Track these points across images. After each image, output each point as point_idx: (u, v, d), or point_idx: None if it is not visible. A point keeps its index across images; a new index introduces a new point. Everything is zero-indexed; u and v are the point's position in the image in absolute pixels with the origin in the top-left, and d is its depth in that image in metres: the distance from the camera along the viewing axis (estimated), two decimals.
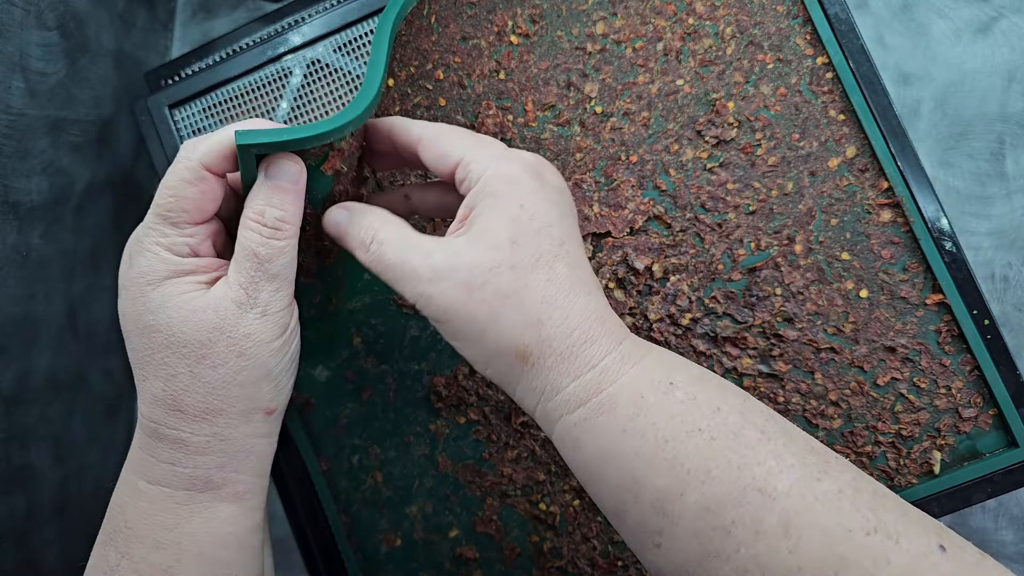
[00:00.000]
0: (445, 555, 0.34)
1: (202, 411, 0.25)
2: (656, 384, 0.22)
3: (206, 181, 0.24)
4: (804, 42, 0.33)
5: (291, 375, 0.27)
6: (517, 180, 0.24)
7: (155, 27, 0.50)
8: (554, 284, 0.23)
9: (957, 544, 0.21)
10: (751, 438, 0.21)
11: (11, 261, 0.37)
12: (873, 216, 0.32)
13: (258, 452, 0.26)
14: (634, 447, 0.22)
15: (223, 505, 0.25)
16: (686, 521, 0.21)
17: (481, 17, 0.34)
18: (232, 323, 0.24)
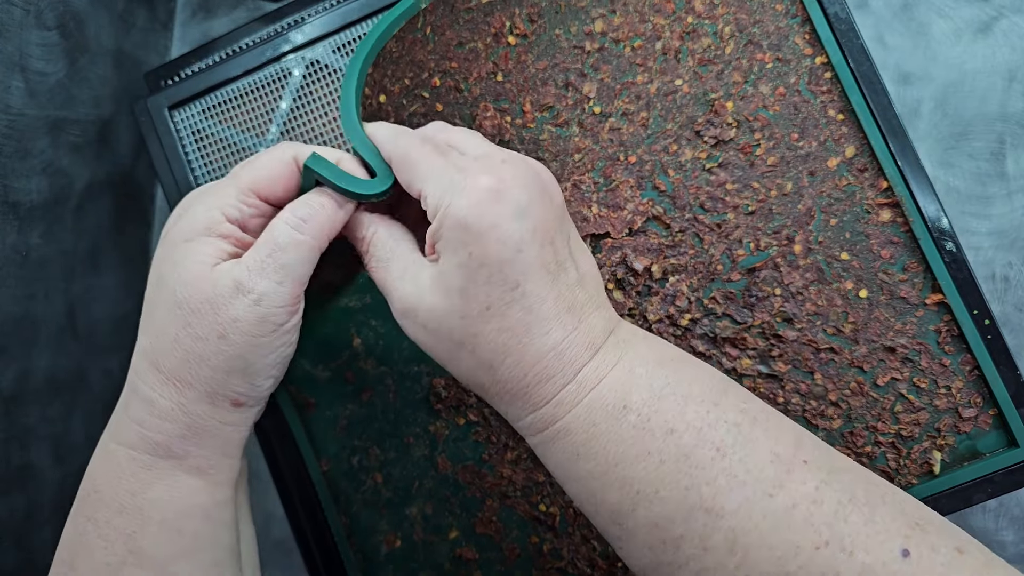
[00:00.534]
0: (445, 556, 0.34)
1: (174, 377, 0.25)
2: (609, 409, 0.23)
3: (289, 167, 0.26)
4: (803, 41, 0.33)
5: (269, 377, 0.26)
6: (464, 224, 0.22)
7: (155, 27, 0.50)
8: (505, 332, 0.23)
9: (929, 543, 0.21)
10: (703, 458, 0.22)
11: (11, 261, 0.37)
12: (873, 216, 0.32)
13: (223, 436, 0.26)
14: (588, 468, 0.23)
15: (186, 476, 0.25)
16: (639, 534, 0.22)
17: (478, 20, 0.34)
18: (224, 302, 0.24)
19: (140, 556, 0.24)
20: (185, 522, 0.25)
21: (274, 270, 0.24)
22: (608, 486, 0.22)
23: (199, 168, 0.37)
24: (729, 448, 0.22)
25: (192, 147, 0.37)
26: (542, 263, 0.23)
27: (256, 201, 0.26)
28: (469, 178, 0.23)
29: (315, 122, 0.37)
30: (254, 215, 0.26)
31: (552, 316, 0.23)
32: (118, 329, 0.48)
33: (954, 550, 0.21)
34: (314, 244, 0.25)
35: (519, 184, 0.23)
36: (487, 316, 0.23)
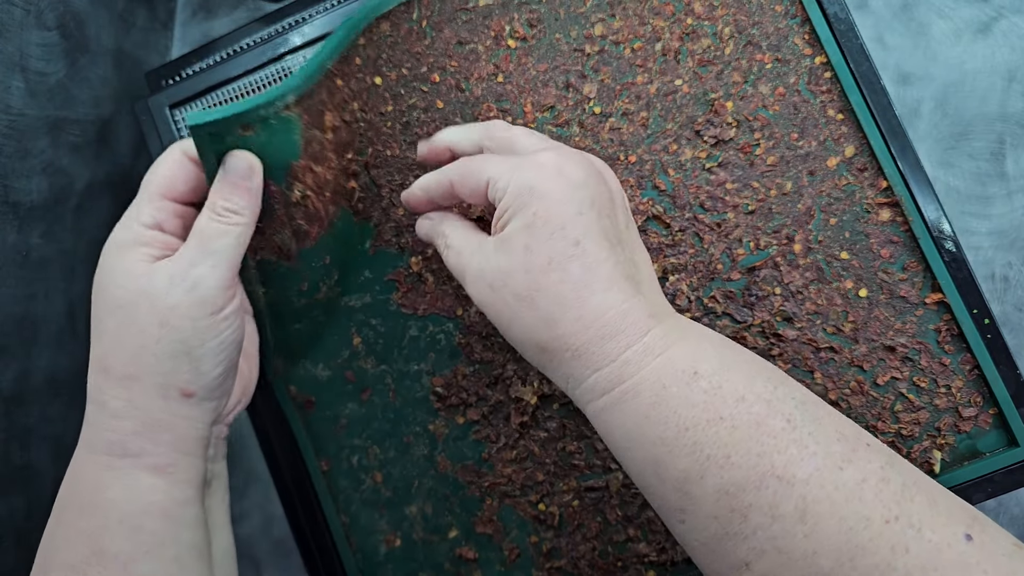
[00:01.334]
0: (445, 555, 0.34)
1: (123, 375, 0.25)
2: (679, 374, 0.23)
3: (182, 164, 0.27)
4: (803, 42, 0.33)
5: (217, 363, 0.26)
6: (531, 188, 0.25)
7: (155, 27, 0.51)
8: (567, 284, 0.24)
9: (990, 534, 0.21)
10: (774, 427, 0.22)
11: (11, 261, 0.37)
12: (872, 215, 0.32)
13: (178, 431, 0.26)
14: (657, 433, 0.23)
15: (143, 474, 0.25)
16: (706, 502, 0.22)
17: (477, 22, 0.34)
18: (161, 291, 0.25)
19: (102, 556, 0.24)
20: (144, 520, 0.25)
21: (205, 256, 0.25)
22: (677, 452, 0.22)
23: None
24: (799, 421, 0.22)
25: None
26: (600, 229, 0.25)
27: (165, 203, 0.27)
28: (532, 158, 0.26)
29: None
30: (168, 216, 0.27)
31: (611, 278, 0.24)
32: None
33: (1013, 543, 0.21)
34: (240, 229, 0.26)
35: (575, 163, 0.25)
36: (549, 269, 0.24)
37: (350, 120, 0.32)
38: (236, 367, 0.28)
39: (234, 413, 0.31)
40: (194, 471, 0.27)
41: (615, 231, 0.25)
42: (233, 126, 0.25)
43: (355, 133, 0.33)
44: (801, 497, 0.21)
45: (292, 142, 0.28)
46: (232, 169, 0.26)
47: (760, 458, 0.22)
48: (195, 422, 0.27)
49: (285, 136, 0.27)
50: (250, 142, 0.26)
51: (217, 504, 0.30)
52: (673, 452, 0.23)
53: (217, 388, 0.27)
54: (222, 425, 0.30)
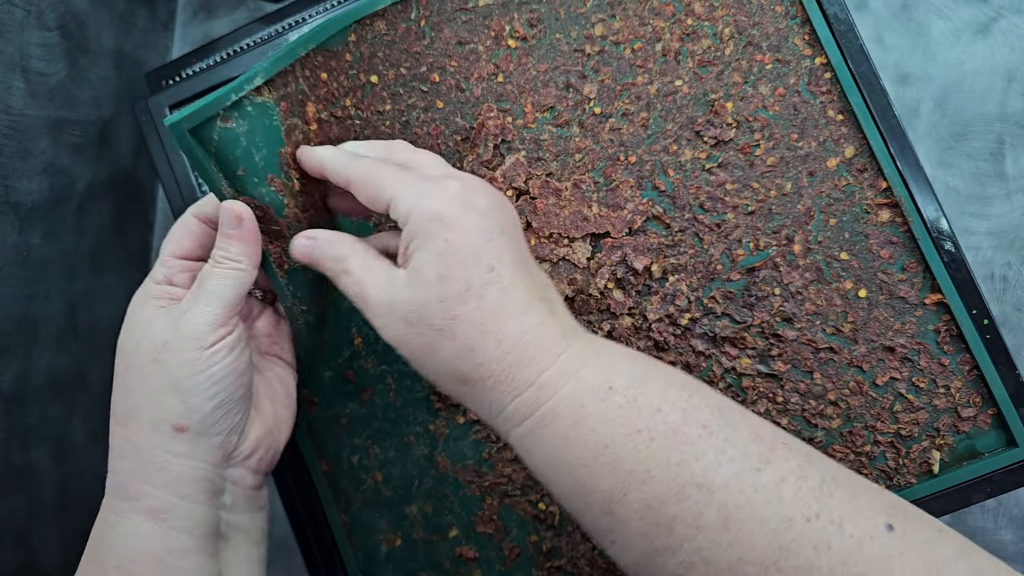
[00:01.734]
0: (445, 555, 0.34)
1: (122, 415, 0.27)
2: (595, 391, 0.23)
3: (190, 225, 0.29)
4: (803, 42, 0.33)
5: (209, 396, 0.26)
6: (439, 216, 0.24)
7: (156, 27, 0.51)
8: (484, 311, 0.24)
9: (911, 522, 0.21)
10: (691, 434, 0.22)
11: (12, 261, 0.37)
12: (872, 216, 0.32)
13: (173, 470, 0.26)
14: (577, 454, 0.23)
15: (140, 520, 0.26)
16: (632, 520, 0.22)
17: (476, 23, 0.34)
18: (157, 331, 0.26)
19: None
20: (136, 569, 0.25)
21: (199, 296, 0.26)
22: (599, 471, 0.22)
23: None
24: (715, 426, 0.22)
25: None
26: (512, 254, 0.25)
27: (175, 261, 0.29)
28: (437, 184, 0.25)
29: None
30: (177, 272, 0.29)
31: (527, 301, 0.24)
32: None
33: (935, 530, 0.21)
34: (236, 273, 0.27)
35: (481, 193, 0.25)
36: (466, 297, 0.24)
37: (341, 116, 0.33)
38: (242, 406, 0.27)
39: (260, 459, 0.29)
40: (193, 518, 0.26)
41: (524, 255, 0.26)
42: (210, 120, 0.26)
43: (349, 130, 0.33)
44: (722, 504, 0.21)
45: (274, 128, 0.28)
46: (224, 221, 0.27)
47: (679, 467, 0.22)
48: (192, 460, 0.26)
49: (265, 122, 0.27)
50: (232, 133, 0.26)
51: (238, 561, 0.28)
52: (595, 472, 0.22)
53: (214, 424, 0.26)
54: (242, 470, 0.28)
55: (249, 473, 0.29)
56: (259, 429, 0.29)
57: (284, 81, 0.28)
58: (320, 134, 0.31)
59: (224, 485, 0.28)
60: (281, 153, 0.28)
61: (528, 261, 0.26)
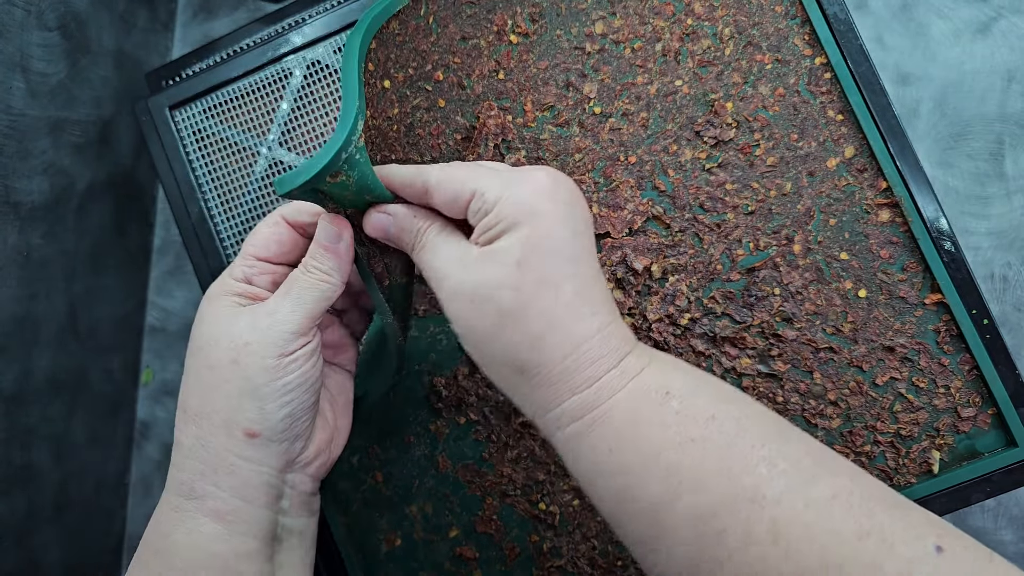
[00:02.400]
0: (445, 555, 0.34)
1: (195, 413, 0.26)
2: (652, 395, 0.23)
3: (278, 226, 0.28)
4: (803, 42, 0.33)
5: (282, 404, 0.26)
6: (529, 204, 0.24)
7: (156, 28, 0.51)
8: (559, 305, 0.23)
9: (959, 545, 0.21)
10: (744, 446, 0.22)
11: (12, 261, 0.37)
12: (872, 216, 0.32)
13: (241, 474, 0.26)
14: (628, 459, 0.22)
15: (206, 520, 0.26)
16: (679, 529, 0.22)
17: (481, 16, 0.34)
18: (238, 331, 0.26)
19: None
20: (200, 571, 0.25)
21: (285, 302, 0.26)
22: (649, 477, 0.22)
23: (200, 168, 0.37)
24: (768, 438, 0.22)
25: (193, 147, 0.37)
26: (591, 252, 0.25)
27: (256, 262, 0.28)
28: (525, 174, 0.25)
29: (315, 122, 0.37)
30: (258, 273, 0.28)
31: (599, 300, 0.24)
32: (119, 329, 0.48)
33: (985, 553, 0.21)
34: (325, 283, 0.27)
35: (567, 187, 0.25)
36: (542, 287, 0.23)
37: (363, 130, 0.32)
38: (310, 414, 0.27)
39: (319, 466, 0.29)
40: (257, 522, 0.26)
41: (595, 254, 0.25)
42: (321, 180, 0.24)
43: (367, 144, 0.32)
44: (773, 518, 0.21)
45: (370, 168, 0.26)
46: (322, 234, 0.27)
47: (731, 479, 0.21)
48: (259, 466, 0.26)
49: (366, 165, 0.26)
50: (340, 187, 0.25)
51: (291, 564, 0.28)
52: (644, 479, 0.22)
53: (283, 431, 0.26)
54: (302, 475, 0.28)
55: (308, 479, 0.29)
56: (321, 436, 0.29)
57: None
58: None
59: (284, 490, 0.28)
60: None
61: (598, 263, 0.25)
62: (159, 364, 0.52)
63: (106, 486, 0.47)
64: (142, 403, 0.51)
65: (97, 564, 0.46)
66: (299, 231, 0.29)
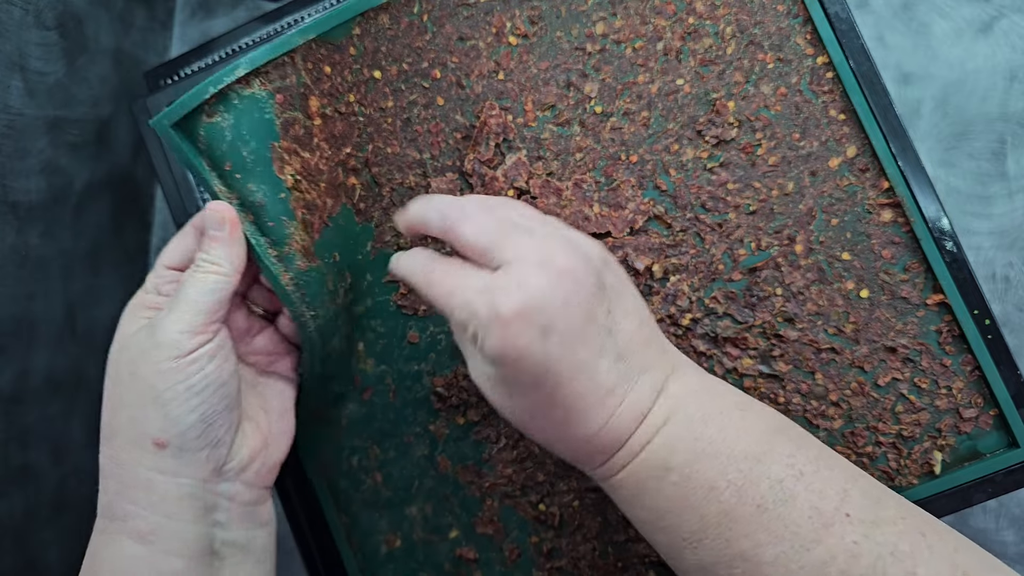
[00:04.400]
0: (445, 556, 0.34)
1: (108, 431, 0.26)
2: (653, 471, 0.24)
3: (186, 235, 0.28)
4: (804, 41, 0.33)
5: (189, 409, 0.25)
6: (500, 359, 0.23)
7: (154, 26, 0.50)
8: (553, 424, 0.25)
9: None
10: (743, 514, 0.23)
11: (10, 261, 0.37)
12: (874, 216, 0.32)
13: (157, 488, 0.25)
14: (640, 516, 0.26)
15: (128, 541, 0.25)
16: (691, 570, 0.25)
17: (478, 18, 0.34)
18: (135, 342, 0.26)
19: None
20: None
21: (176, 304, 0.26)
22: (658, 531, 0.25)
23: None
24: (769, 504, 0.23)
25: None
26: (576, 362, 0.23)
27: (166, 272, 0.28)
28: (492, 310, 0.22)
29: None
30: (165, 282, 0.28)
31: (594, 404, 0.24)
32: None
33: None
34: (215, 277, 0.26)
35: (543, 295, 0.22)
36: (534, 415, 0.25)
37: (345, 112, 0.32)
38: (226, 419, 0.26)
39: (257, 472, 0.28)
40: (183, 539, 0.25)
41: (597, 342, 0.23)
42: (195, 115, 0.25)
43: (353, 127, 0.33)
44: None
45: (267, 122, 0.27)
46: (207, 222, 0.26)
47: (728, 543, 0.23)
48: (176, 477, 0.25)
49: (255, 115, 0.27)
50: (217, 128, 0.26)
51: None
52: (655, 531, 0.25)
53: (196, 438, 0.25)
54: (237, 484, 0.27)
55: (245, 488, 0.27)
56: (253, 442, 0.28)
57: (281, 73, 0.28)
58: (324, 130, 0.31)
59: (217, 501, 0.26)
60: (274, 147, 0.27)
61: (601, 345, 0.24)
62: None
63: None
64: None
65: None
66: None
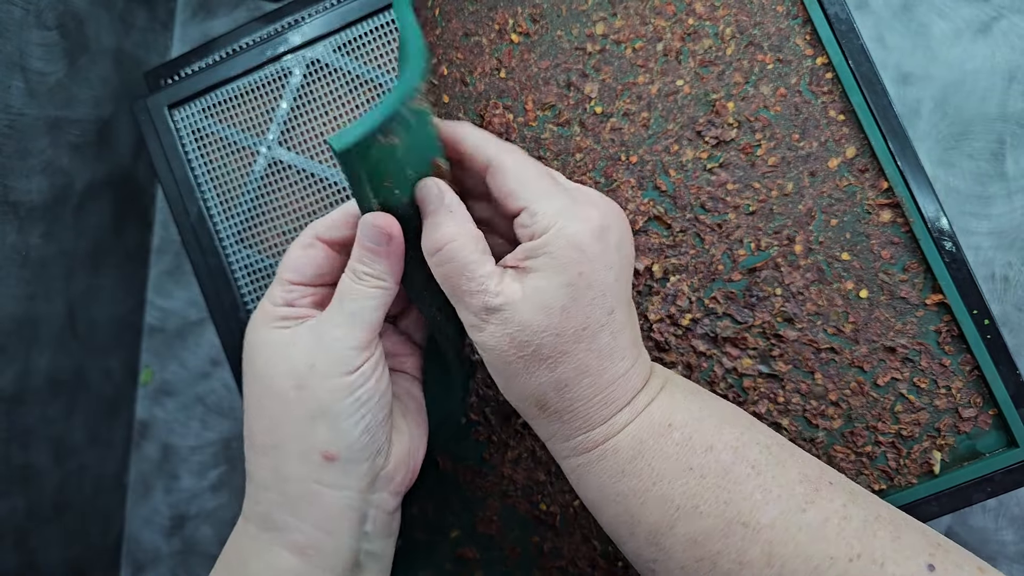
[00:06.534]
0: (446, 556, 0.34)
1: (265, 445, 0.25)
2: (655, 428, 0.24)
3: (313, 248, 0.27)
4: (804, 42, 0.33)
5: (357, 420, 0.25)
6: (580, 246, 0.23)
7: (155, 27, 0.50)
8: (592, 354, 0.24)
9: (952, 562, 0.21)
10: (740, 474, 0.23)
11: (11, 261, 0.37)
12: (873, 216, 0.32)
13: (322, 503, 0.25)
14: (631, 486, 0.24)
15: (284, 553, 0.25)
16: (676, 552, 0.23)
17: (482, 14, 0.34)
18: (297, 355, 0.25)
19: None
20: None
21: (342, 315, 0.25)
22: (649, 504, 0.23)
23: (199, 168, 0.37)
24: (763, 466, 0.23)
25: (192, 146, 0.37)
26: (627, 296, 0.25)
27: (293, 287, 0.27)
28: (581, 207, 0.24)
29: (315, 122, 0.37)
30: (299, 296, 0.27)
31: (628, 345, 0.24)
32: (118, 329, 0.48)
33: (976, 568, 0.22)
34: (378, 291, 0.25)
35: (616, 224, 0.25)
36: (581, 336, 0.23)
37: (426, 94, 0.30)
38: (385, 427, 0.26)
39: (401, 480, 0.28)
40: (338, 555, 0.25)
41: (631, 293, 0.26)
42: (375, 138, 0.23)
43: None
44: (767, 541, 0.22)
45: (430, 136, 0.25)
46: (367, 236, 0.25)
47: (727, 505, 0.22)
48: (342, 490, 0.25)
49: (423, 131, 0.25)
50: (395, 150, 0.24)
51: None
52: (645, 504, 0.23)
53: (363, 449, 0.25)
54: (385, 494, 0.27)
55: (391, 496, 0.28)
56: (399, 448, 0.28)
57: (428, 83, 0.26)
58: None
59: (368, 512, 0.27)
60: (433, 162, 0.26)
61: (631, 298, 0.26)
62: (158, 364, 0.52)
63: (105, 486, 0.47)
64: (141, 403, 0.51)
65: (96, 564, 0.46)
66: (335, 249, 0.27)
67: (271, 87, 0.37)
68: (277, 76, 0.36)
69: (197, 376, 0.51)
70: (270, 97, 0.37)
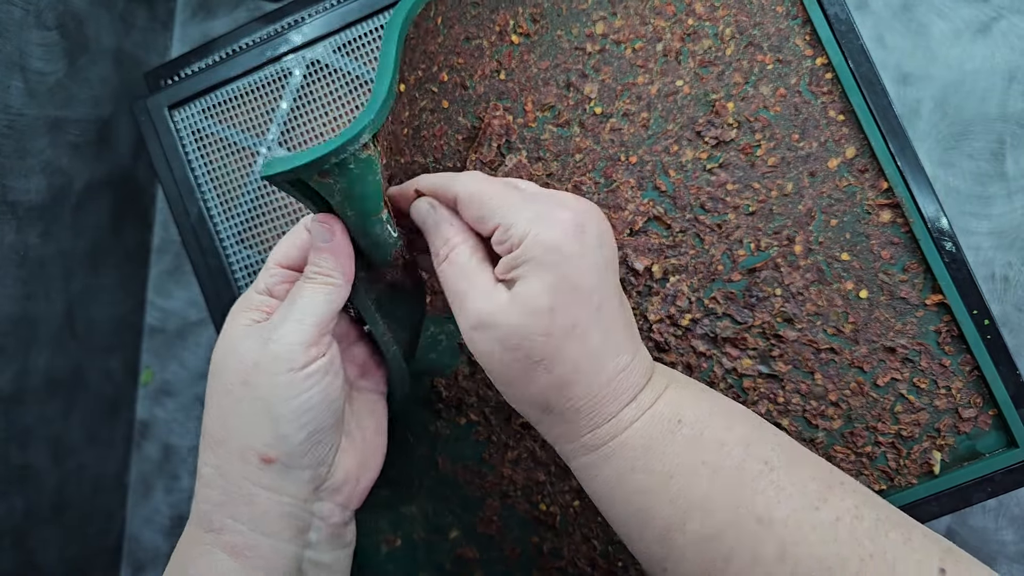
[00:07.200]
0: (445, 556, 0.34)
1: (213, 440, 0.25)
2: (664, 423, 0.24)
3: (300, 233, 0.27)
4: (804, 43, 0.33)
5: (300, 426, 0.25)
6: (557, 248, 0.23)
7: (155, 27, 0.50)
8: (586, 351, 0.24)
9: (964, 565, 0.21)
10: (753, 470, 0.23)
11: (10, 261, 0.37)
12: (873, 216, 0.32)
13: (259, 504, 0.25)
14: (641, 483, 0.23)
15: (222, 555, 0.25)
16: (688, 550, 0.23)
17: (484, 16, 0.34)
18: (246, 349, 0.25)
19: None
20: None
21: (290, 313, 0.25)
22: (660, 501, 0.23)
23: (199, 168, 0.37)
24: (775, 463, 0.23)
25: (192, 147, 0.37)
26: (615, 290, 0.25)
27: (279, 270, 0.27)
28: (552, 211, 0.24)
29: (315, 122, 0.37)
30: (279, 282, 0.27)
31: (622, 340, 0.24)
32: (118, 329, 0.48)
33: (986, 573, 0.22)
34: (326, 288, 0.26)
35: (594, 218, 0.25)
36: (572, 335, 0.23)
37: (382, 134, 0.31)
38: (332, 437, 0.26)
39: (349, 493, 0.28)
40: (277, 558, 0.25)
41: (620, 288, 0.25)
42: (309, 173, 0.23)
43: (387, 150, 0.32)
44: (780, 539, 0.21)
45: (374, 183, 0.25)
46: (316, 235, 0.26)
47: (740, 502, 0.22)
48: (279, 495, 0.25)
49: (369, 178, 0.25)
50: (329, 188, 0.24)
51: None
52: (657, 502, 0.23)
53: (303, 456, 0.25)
54: (331, 504, 0.27)
55: (338, 508, 0.27)
56: (349, 461, 0.28)
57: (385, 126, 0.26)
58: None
59: (311, 521, 0.26)
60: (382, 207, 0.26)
61: (622, 293, 0.26)
62: (158, 364, 0.52)
63: (105, 486, 0.47)
64: (141, 403, 0.51)
65: (96, 564, 0.46)
66: None
67: (271, 87, 0.37)
68: (277, 76, 0.36)
69: (197, 376, 0.51)
70: (270, 97, 0.37)
